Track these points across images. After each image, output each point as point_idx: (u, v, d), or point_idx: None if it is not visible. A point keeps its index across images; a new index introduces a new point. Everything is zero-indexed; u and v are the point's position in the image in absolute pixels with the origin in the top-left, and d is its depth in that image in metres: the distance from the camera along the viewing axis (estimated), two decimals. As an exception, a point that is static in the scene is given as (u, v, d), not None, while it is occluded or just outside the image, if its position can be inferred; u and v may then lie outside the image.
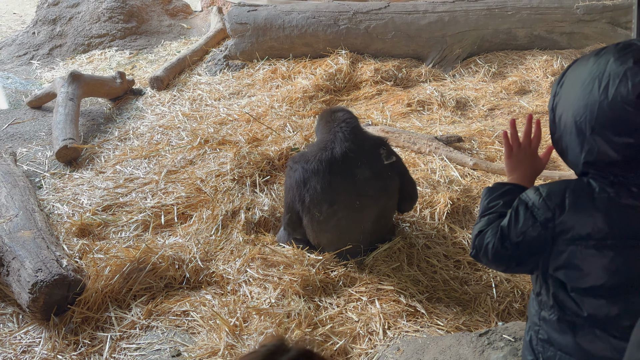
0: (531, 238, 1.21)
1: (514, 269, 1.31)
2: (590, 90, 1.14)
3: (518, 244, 1.23)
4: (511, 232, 1.24)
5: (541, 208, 1.20)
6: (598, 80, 1.13)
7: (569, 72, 1.24)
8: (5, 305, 2.61)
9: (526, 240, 1.22)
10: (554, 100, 1.25)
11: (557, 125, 1.23)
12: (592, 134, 1.15)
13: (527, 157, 1.40)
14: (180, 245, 2.87)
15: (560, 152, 1.26)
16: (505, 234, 1.25)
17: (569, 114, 1.19)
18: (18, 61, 6.34)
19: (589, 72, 1.16)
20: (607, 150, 1.14)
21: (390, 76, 5.14)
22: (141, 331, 2.38)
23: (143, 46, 6.50)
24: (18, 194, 3.15)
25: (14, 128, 4.63)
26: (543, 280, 1.24)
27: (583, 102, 1.15)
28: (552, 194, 1.20)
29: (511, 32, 5.35)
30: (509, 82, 4.97)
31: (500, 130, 4.07)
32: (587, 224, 1.15)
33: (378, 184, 2.57)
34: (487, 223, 1.32)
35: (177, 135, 4.18)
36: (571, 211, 1.17)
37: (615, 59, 1.13)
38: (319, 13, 5.39)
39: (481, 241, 1.30)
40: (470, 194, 3.24)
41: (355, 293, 2.47)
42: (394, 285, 2.47)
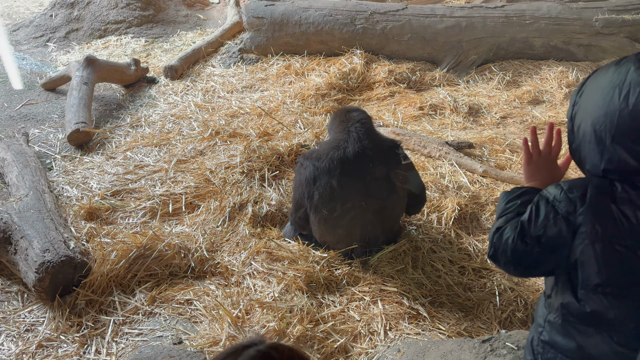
0: (552, 232, 1.20)
1: (533, 270, 1.28)
2: (610, 99, 1.14)
3: (539, 238, 1.21)
4: (532, 226, 1.22)
5: (563, 201, 1.19)
6: (618, 89, 1.13)
7: (589, 81, 1.24)
8: (11, 283, 2.63)
9: (547, 235, 1.20)
10: (573, 109, 1.25)
11: (576, 134, 1.23)
12: (612, 143, 1.15)
13: (546, 165, 1.40)
14: (187, 234, 2.88)
15: (578, 161, 1.26)
16: (526, 228, 1.23)
17: (588, 122, 1.19)
18: (34, 43, 6.37)
19: (609, 80, 1.16)
20: (628, 159, 1.14)
21: (404, 78, 5.13)
22: (144, 317, 2.39)
23: (159, 35, 6.52)
24: (29, 174, 3.18)
25: (28, 109, 4.66)
26: (555, 281, 1.24)
27: (603, 110, 1.15)
28: (573, 187, 1.20)
29: (528, 41, 5.32)
30: (523, 91, 4.94)
31: (512, 139, 4.06)
32: (605, 221, 1.15)
33: (388, 185, 2.57)
34: (505, 221, 1.31)
35: (188, 125, 4.19)
36: (592, 206, 1.16)
37: (636, 67, 1.13)
38: (336, 11, 5.39)
39: (500, 238, 1.27)
40: (479, 201, 3.24)
41: (359, 292, 2.48)
42: (398, 287, 2.48)
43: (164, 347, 2.16)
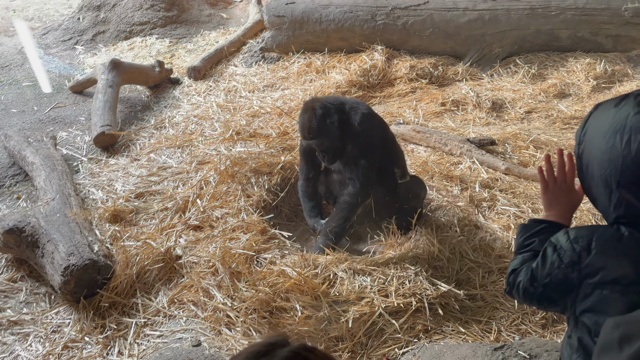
0: (558, 280, 1.23)
1: (546, 308, 1.35)
2: (612, 144, 1.13)
3: (546, 285, 1.26)
4: (539, 273, 1.27)
5: (568, 250, 1.21)
6: (620, 135, 1.12)
7: (591, 120, 1.22)
8: (39, 285, 2.73)
9: (553, 282, 1.24)
10: (579, 148, 1.24)
11: (585, 175, 1.24)
12: (618, 188, 1.14)
13: (562, 192, 1.39)
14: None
15: (592, 200, 1.26)
16: (535, 275, 1.28)
17: (594, 165, 1.18)
18: (63, 46, 6.54)
19: (610, 125, 1.14)
20: (636, 203, 1.14)
21: (426, 74, 5.07)
22: (164, 319, 2.46)
23: (183, 35, 6.61)
24: (56, 178, 3.28)
25: (56, 112, 4.80)
26: (574, 322, 1.24)
27: (607, 155, 1.15)
28: (579, 237, 1.21)
29: (554, 33, 5.19)
30: (549, 85, 4.83)
31: (536, 135, 3.98)
32: (613, 268, 1.15)
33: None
34: (521, 262, 1.35)
35: (210, 126, 4.25)
36: (597, 255, 1.17)
37: (635, 113, 1.11)
38: (356, 7, 5.36)
39: (514, 279, 1.34)
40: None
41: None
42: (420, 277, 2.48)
43: (183, 349, 2.21)
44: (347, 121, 2.74)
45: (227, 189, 3.26)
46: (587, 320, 1.18)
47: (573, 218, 1.42)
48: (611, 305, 1.14)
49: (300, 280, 2.45)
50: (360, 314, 2.34)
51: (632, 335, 0.78)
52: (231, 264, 2.61)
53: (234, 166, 3.39)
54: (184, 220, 3.07)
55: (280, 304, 2.40)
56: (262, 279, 2.52)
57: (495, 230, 2.93)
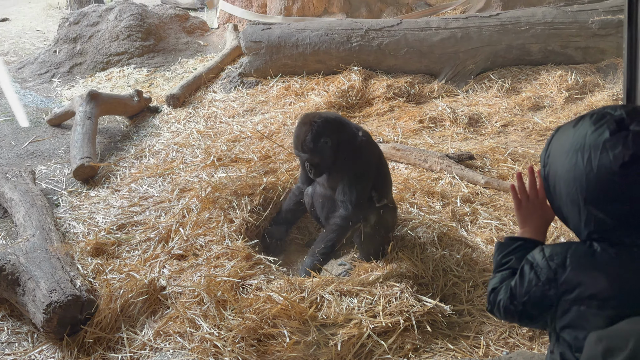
0: (536, 297, 1.25)
1: (527, 324, 1.39)
2: (575, 163, 1.17)
3: (525, 303, 1.28)
4: (518, 291, 1.29)
5: (544, 268, 1.24)
6: (580, 153, 1.16)
7: (553, 142, 1.27)
8: (21, 324, 2.67)
9: (532, 299, 1.26)
10: (545, 170, 1.28)
11: (553, 195, 1.27)
12: (585, 205, 1.18)
13: (535, 208, 1.42)
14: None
15: (563, 220, 1.30)
16: (514, 293, 1.30)
17: (561, 185, 1.22)
18: (40, 79, 6.51)
19: (571, 144, 1.19)
20: (604, 218, 1.17)
21: (403, 92, 5.16)
22: (151, 352, 2.41)
23: (160, 64, 6.63)
24: (36, 213, 3.24)
25: (34, 146, 4.76)
26: (555, 338, 1.26)
27: (571, 174, 1.19)
28: (554, 255, 1.23)
29: (525, 47, 5.33)
30: (523, 98, 4.95)
31: (513, 147, 4.05)
32: (589, 284, 1.17)
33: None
34: (500, 280, 1.38)
35: (191, 152, 4.25)
36: (573, 271, 1.19)
37: (592, 131, 1.16)
38: (331, 31, 5.45)
39: (494, 298, 1.36)
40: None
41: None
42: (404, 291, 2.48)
43: (171, 382, 2.17)
44: (343, 143, 2.73)
45: (209, 216, 3.25)
46: (567, 336, 1.20)
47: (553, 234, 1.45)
48: (589, 321, 1.16)
49: (287, 305, 2.44)
50: (349, 337, 2.33)
51: (614, 348, 0.80)
52: (216, 292, 2.59)
53: (214, 192, 3.38)
54: (167, 250, 3.04)
55: (267, 330, 2.38)
56: (248, 306, 2.50)
57: (478, 244, 2.96)
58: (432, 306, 2.44)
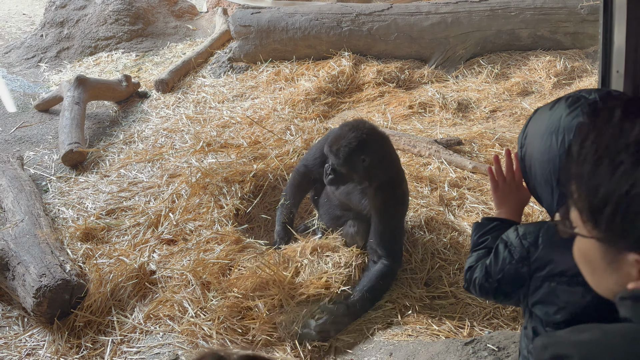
0: (510, 275, 1.29)
1: (502, 301, 1.45)
2: (550, 145, 1.20)
3: (499, 280, 1.32)
4: (493, 269, 1.33)
5: (517, 246, 1.28)
6: (555, 135, 1.19)
7: (530, 124, 1.29)
8: (12, 308, 2.68)
9: (506, 277, 1.30)
10: (522, 151, 1.31)
11: (529, 175, 1.30)
12: (558, 185, 1.21)
13: (512, 190, 1.45)
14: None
15: (537, 199, 1.33)
16: (489, 271, 1.34)
17: (536, 166, 1.25)
18: (26, 64, 6.44)
19: (546, 127, 1.22)
20: None
21: (393, 78, 5.16)
22: (141, 335, 2.44)
23: (149, 48, 6.57)
24: (24, 199, 3.23)
25: (22, 131, 4.72)
26: (528, 314, 1.29)
27: (546, 156, 1.22)
28: (527, 234, 1.27)
29: (514, 32, 5.34)
30: (512, 83, 4.97)
31: (501, 133, 4.09)
32: (560, 261, 1.21)
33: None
34: (476, 259, 1.42)
35: (180, 138, 4.24)
36: (545, 250, 1.23)
37: (566, 114, 1.19)
38: (322, 15, 5.42)
39: (471, 276, 1.41)
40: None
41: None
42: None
43: (161, 364, 2.21)
44: (379, 171, 2.54)
45: (199, 202, 3.26)
46: (538, 311, 1.24)
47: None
48: (559, 297, 1.20)
49: (270, 276, 2.48)
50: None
51: (561, 355, 0.82)
52: (202, 274, 2.62)
53: (205, 178, 3.39)
54: (157, 235, 3.07)
55: (247, 304, 2.43)
56: (231, 285, 2.53)
57: (465, 228, 3.00)
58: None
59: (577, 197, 0.87)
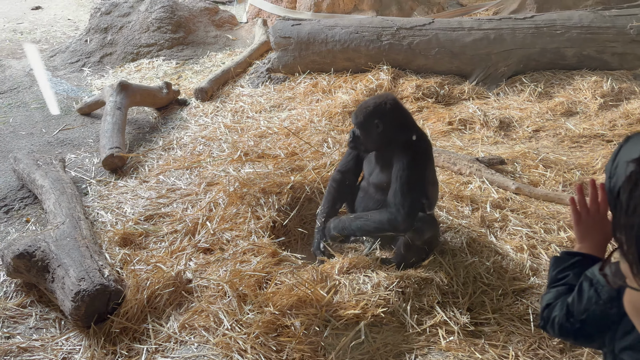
0: (596, 316, 1.20)
1: (583, 343, 1.35)
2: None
3: (583, 322, 1.22)
4: (576, 309, 1.24)
5: (605, 286, 1.18)
6: None
7: (621, 152, 1.21)
8: (49, 310, 2.70)
9: (590, 318, 1.21)
10: (611, 182, 1.22)
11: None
12: None
13: (596, 223, 1.36)
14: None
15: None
16: (571, 310, 1.25)
17: None
18: (70, 68, 6.60)
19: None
20: None
21: (432, 93, 5.09)
22: (176, 345, 2.42)
23: (189, 56, 6.66)
24: (65, 202, 3.27)
25: (65, 134, 4.82)
26: (612, 358, 1.21)
27: None
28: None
29: (559, 51, 5.22)
30: (556, 103, 4.84)
31: (545, 153, 3.97)
32: None
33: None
34: (555, 296, 1.33)
35: (218, 146, 4.26)
36: None
37: None
38: (362, 28, 5.40)
39: (549, 314, 1.32)
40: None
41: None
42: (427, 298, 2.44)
43: (195, 376, 2.18)
44: (397, 138, 2.64)
45: (236, 211, 3.25)
46: (627, 358, 1.15)
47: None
48: None
49: (306, 294, 2.43)
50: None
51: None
52: (239, 286, 2.59)
53: (242, 187, 3.38)
54: (194, 243, 3.06)
55: (284, 321, 2.38)
56: (268, 299, 2.49)
57: (508, 252, 2.90)
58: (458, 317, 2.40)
59: (627, 249, 0.80)
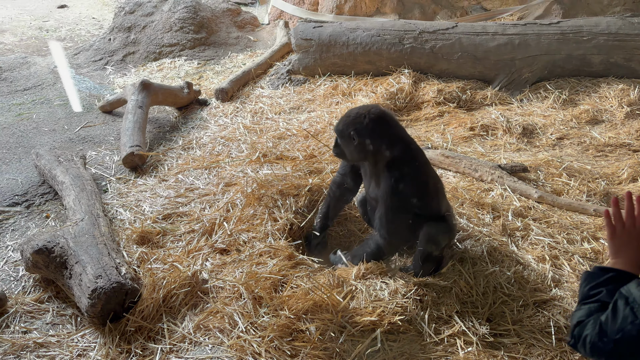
0: (631, 336, 1.15)
1: None
2: None
3: (617, 342, 1.17)
4: (610, 328, 1.18)
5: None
6: None
7: None
8: (66, 306, 2.72)
9: (625, 338, 1.16)
10: None
11: None
12: None
13: (632, 239, 1.31)
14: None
15: None
16: (604, 329, 1.20)
17: None
18: (94, 66, 6.68)
19: None
20: None
21: (454, 97, 5.03)
22: (190, 345, 2.41)
23: (211, 57, 6.69)
24: (85, 198, 3.29)
25: (86, 131, 4.87)
26: None
27: None
28: None
29: (585, 58, 5.11)
30: (581, 111, 4.74)
31: (569, 162, 3.88)
32: None
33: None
34: (587, 313, 1.27)
35: (237, 147, 4.25)
36: None
37: None
38: (384, 31, 5.36)
39: (580, 332, 1.26)
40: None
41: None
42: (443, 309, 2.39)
43: (209, 378, 2.16)
44: (376, 151, 2.58)
45: (253, 212, 3.23)
46: None
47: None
48: None
49: (322, 298, 2.40)
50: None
51: None
52: (254, 288, 2.57)
53: (260, 189, 3.36)
54: (211, 243, 3.05)
55: (299, 326, 2.35)
56: (283, 303, 2.46)
57: (529, 262, 2.84)
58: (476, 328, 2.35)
59: None
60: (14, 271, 2.99)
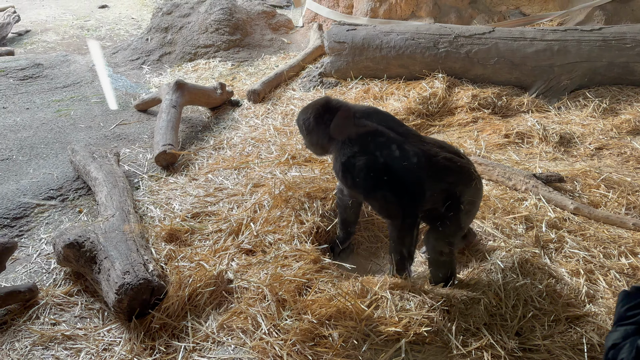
0: None
1: None
2: None
3: None
4: None
5: None
6: None
7: None
8: (94, 300, 2.76)
9: None
10: None
11: None
12: None
13: None
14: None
15: None
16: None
17: None
18: (131, 65, 6.82)
19: None
20: None
21: (489, 104, 4.92)
22: (213, 345, 2.41)
23: (244, 58, 6.74)
24: (117, 195, 3.35)
25: (121, 129, 4.96)
26: None
27: None
28: None
29: (628, 66, 4.93)
30: (622, 120, 4.57)
31: (608, 173, 3.74)
32: None
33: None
34: (623, 336, 1.20)
35: (266, 149, 4.26)
36: None
37: None
38: (418, 35, 5.29)
39: (615, 355, 1.20)
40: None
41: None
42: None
43: (230, 379, 2.15)
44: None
45: (280, 214, 3.23)
46: None
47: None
48: None
49: (346, 305, 2.36)
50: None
51: None
52: (279, 291, 2.56)
53: (288, 191, 3.36)
54: (237, 243, 3.06)
55: (321, 331, 2.32)
56: (307, 307, 2.44)
57: (562, 275, 2.74)
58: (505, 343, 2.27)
59: None
60: (46, 264, 3.07)
